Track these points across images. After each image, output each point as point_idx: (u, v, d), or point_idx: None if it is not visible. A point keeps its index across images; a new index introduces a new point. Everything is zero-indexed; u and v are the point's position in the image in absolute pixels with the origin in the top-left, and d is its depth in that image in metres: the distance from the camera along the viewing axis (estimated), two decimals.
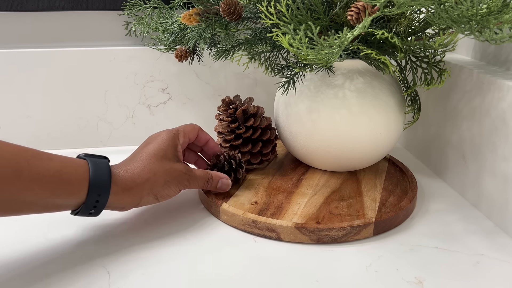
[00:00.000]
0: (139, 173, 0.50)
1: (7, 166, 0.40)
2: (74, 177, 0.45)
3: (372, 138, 0.59)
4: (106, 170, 0.47)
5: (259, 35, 0.62)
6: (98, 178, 0.46)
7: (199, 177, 0.55)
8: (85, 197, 0.46)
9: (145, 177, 0.50)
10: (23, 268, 0.47)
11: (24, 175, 0.41)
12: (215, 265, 0.48)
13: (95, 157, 0.49)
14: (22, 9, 0.74)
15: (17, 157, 0.42)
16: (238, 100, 0.65)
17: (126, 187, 0.48)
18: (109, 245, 0.51)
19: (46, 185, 0.43)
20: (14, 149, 0.42)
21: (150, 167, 0.51)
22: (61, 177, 0.44)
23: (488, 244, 0.52)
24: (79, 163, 0.46)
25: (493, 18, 0.44)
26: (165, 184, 0.52)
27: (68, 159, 0.46)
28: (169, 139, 0.54)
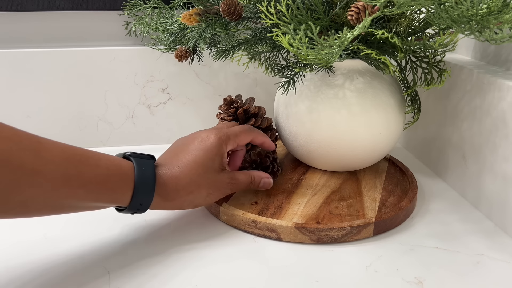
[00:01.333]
0: (183, 186, 0.49)
1: (57, 172, 0.40)
2: (120, 186, 0.45)
3: (372, 138, 0.59)
4: (151, 178, 0.47)
5: (259, 35, 0.62)
6: (143, 189, 0.46)
7: (242, 183, 0.55)
8: (128, 203, 0.46)
9: (189, 190, 0.49)
10: (23, 268, 0.47)
11: (72, 182, 0.41)
12: (215, 265, 0.48)
13: (142, 158, 0.48)
14: (22, 9, 0.74)
15: (67, 162, 0.41)
16: (239, 99, 0.65)
17: (169, 198, 0.49)
18: (109, 245, 0.51)
19: (92, 192, 0.43)
20: (64, 152, 0.42)
21: (195, 179, 0.50)
22: (106, 185, 0.44)
23: (488, 244, 0.52)
24: (125, 170, 0.46)
25: (493, 18, 0.44)
26: (207, 197, 0.52)
27: (114, 164, 0.45)
28: (217, 147, 0.52)
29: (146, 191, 0.46)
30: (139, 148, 0.79)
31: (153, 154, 0.50)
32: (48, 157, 0.40)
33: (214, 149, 0.51)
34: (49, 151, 0.40)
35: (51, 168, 0.40)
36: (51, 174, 0.40)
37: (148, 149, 0.56)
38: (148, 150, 0.55)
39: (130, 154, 0.48)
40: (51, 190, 0.40)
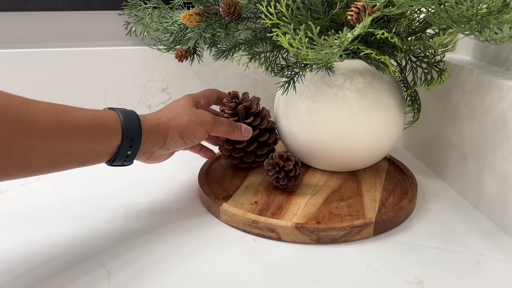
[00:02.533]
0: (163, 114, 0.53)
1: (49, 118, 0.43)
2: (108, 120, 0.48)
3: (372, 138, 0.59)
4: (134, 114, 0.50)
5: (259, 35, 0.62)
6: (129, 120, 0.49)
7: (224, 121, 0.58)
8: (121, 139, 0.48)
9: (169, 116, 0.53)
10: (23, 268, 0.47)
11: (65, 124, 0.44)
12: (215, 265, 0.48)
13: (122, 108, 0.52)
14: (22, 9, 0.74)
15: (55, 108, 0.44)
16: (245, 97, 0.65)
17: (153, 124, 0.51)
18: (109, 245, 0.51)
19: (85, 130, 0.45)
20: (50, 103, 0.44)
21: (174, 110, 0.55)
22: (96, 122, 0.46)
23: (488, 244, 0.52)
24: (108, 112, 0.49)
25: (493, 18, 0.44)
26: (188, 122, 0.54)
27: (97, 110, 0.48)
28: (188, 97, 0.58)
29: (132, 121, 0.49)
30: None
31: None
32: (38, 107, 0.43)
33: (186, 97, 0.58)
34: (37, 103, 0.43)
35: (43, 115, 0.42)
36: (44, 120, 0.42)
37: None
38: None
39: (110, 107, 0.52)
40: (48, 135, 0.43)
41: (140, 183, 0.66)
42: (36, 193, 0.63)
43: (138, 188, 0.64)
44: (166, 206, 0.59)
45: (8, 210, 0.58)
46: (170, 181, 0.66)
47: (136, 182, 0.66)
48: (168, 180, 0.66)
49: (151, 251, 0.50)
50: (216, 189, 0.60)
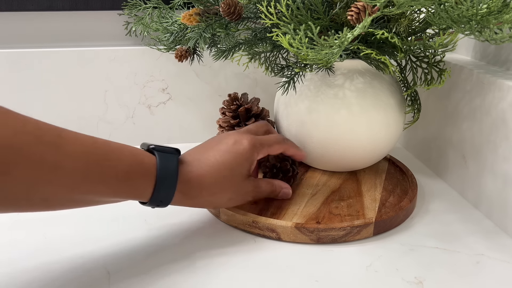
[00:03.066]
0: (207, 186, 0.48)
1: (77, 168, 0.39)
2: (141, 182, 0.44)
3: (372, 138, 0.59)
4: (174, 175, 0.45)
5: (259, 35, 0.62)
6: (164, 184, 0.45)
7: (264, 191, 0.54)
8: (149, 199, 0.45)
9: (212, 191, 0.48)
10: (22, 268, 0.47)
11: (92, 177, 0.40)
12: (215, 265, 0.48)
13: (166, 152, 0.46)
14: (22, 9, 0.74)
15: (88, 157, 0.40)
16: (244, 98, 0.65)
17: (191, 196, 0.48)
18: (109, 245, 0.51)
19: (112, 187, 0.42)
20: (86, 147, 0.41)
21: (220, 182, 0.48)
22: (127, 182, 0.43)
23: (488, 244, 0.52)
24: (147, 165, 0.44)
25: (493, 18, 0.44)
26: (229, 201, 0.51)
27: (137, 159, 0.44)
28: (249, 153, 0.50)
29: (168, 188, 0.45)
30: None
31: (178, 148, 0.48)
32: (69, 152, 0.39)
33: (245, 155, 0.50)
34: (70, 145, 0.39)
35: (71, 163, 0.39)
36: (72, 170, 0.39)
37: None
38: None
39: (154, 147, 0.46)
40: (71, 186, 0.40)
41: None
42: None
43: None
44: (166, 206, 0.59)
45: None
46: None
47: None
48: None
49: (151, 251, 0.50)
50: None
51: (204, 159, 0.49)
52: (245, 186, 0.51)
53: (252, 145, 0.51)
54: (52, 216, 0.57)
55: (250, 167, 0.51)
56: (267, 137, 0.54)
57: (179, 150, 0.48)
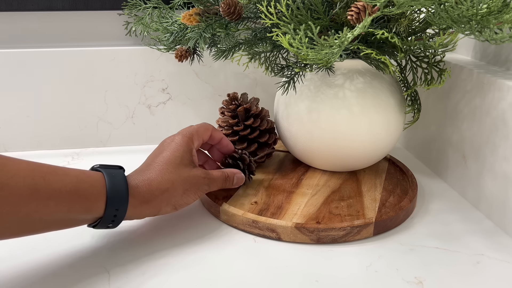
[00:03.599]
0: (157, 185, 0.48)
1: (23, 184, 0.39)
2: (91, 192, 0.44)
3: (372, 138, 0.59)
4: (123, 182, 0.46)
5: (259, 35, 0.62)
6: (116, 192, 0.45)
7: (217, 179, 0.55)
8: (103, 211, 0.45)
9: (163, 188, 0.48)
10: (22, 268, 0.47)
11: (41, 192, 0.40)
12: (215, 265, 0.48)
13: (111, 168, 0.47)
14: (22, 9, 0.74)
15: (33, 173, 0.40)
16: (244, 98, 0.65)
17: (145, 199, 0.47)
18: (109, 245, 0.51)
19: (63, 201, 0.42)
20: (29, 166, 0.41)
21: (168, 177, 0.49)
22: (78, 193, 0.43)
23: (488, 244, 0.52)
24: (95, 177, 0.45)
25: (493, 18, 0.44)
26: (184, 193, 0.51)
27: (83, 173, 0.45)
28: (184, 144, 0.52)
29: (120, 195, 0.45)
30: (139, 148, 0.79)
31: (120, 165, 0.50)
32: (13, 171, 0.39)
33: (180, 147, 0.52)
34: (13, 165, 0.40)
35: (17, 180, 0.39)
36: (18, 187, 0.39)
37: (148, 149, 0.56)
38: (148, 150, 0.55)
39: (98, 166, 0.48)
40: (20, 204, 0.39)
41: None
42: None
43: None
44: None
45: None
46: None
47: None
48: None
49: (151, 251, 0.50)
50: None
51: (146, 165, 0.51)
52: (194, 175, 0.52)
53: (182, 136, 0.54)
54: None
55: (191, 157, 0.53)
56: (192, 126, 0.56)
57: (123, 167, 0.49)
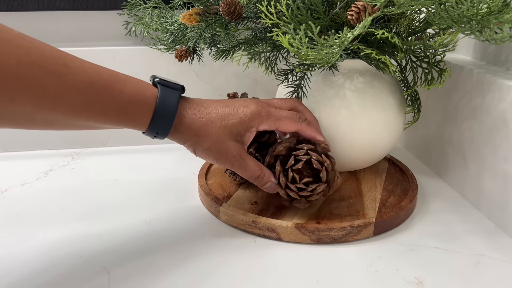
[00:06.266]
0: (196, 127, 0.48)
1: (78, 98, 0.41)
2: (139, 115, 0.45)
3: (372, 138, 0.59)
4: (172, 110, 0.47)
5: (259, 35, 0.62)
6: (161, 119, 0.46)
7: (248, 169, 0.51)
8: (146, 130, 0.47)
9: (197, 133, 0.48)
10: (23, 268, 0.47)
11: (93, 108, 0.42)
12: (215, 265, 0.48)
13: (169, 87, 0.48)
14: (22, 9, 0.74)
15: (90, 87, 0.42)
16: (244, 97, 0.64)
17: (180, 130, 0.48)
18: (109, 245, 0.51)
19: (112, 117, 0.44)
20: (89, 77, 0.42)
21: (208, 129, 0.48)
22: (126, 114, 0.45)
23: (488, 244, 0.52)
24: (148, 99, 0.46)
25: (494, 18, 0.44)
26: (206, 150, 0.49)
27: (139, 92, 0.45)
28: (249, 118, 0.50)
29: (165, 121, 0.47)
30: (139, 148, 0.79)
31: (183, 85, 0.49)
32: (72, 82, 0.40)
33: (244, 117, 0.50)
34: (74, 75, 0.41)
35: (73, 93, 0.40)
36: (73, 100, 0.41)
37: (149, 149, 0.56)
38: (149, 150, 0.55)
39: (159, 81, 0.48)
40: (73, 113, 0.41)
41: (140, 183, 0.66)
42: (36, 193, 0.63)
43: (138, 188, 0.64)
44: (166, 206, 0.59)
45: (8, 210, 0.58)
46: (170, 181, 0.66)
47: (136, 182, 0.66)
48: (168, 180, 0.66)
49: (151, 251, 0.50)
50: (216, 189, 0.60)
51: (207, 105, 0.50)
52: (228, 146, 0.49)
53: (257, 112, 0.50)
54: (52, 216, 0.57)
55: (245, 133, 0.50)
56: (280, 110, 0.52)
57: (184, 88, 0.49)
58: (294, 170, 0.52)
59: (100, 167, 0.71)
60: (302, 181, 0.52)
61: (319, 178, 0.53)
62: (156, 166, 0.70)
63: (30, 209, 0.58)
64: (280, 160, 0.53)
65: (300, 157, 0.52)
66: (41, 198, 0.61)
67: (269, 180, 0.53)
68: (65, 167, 0.71)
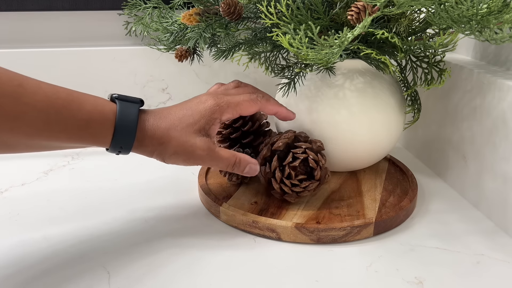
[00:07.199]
0: (159, 135, 0.48)
1: (37, 118, 0.41)
2: (100, 131, 0.45)
3: (372, 138, 0.59)
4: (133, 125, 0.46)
5: (259, 35, 0.62)
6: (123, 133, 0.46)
7: (221, 160, 0.51)
8: (109, 146, 0.47)
9: (161, 141, 0.48)
10: (23, 268, 0.47)
11: (52, 127, 0.42)
12: (215, 265, 0.48)
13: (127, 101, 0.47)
14: (22, 9, 0.74)
15: (48, 107, 0.41)
16: None
17: (144, 143, 0.48)
18: (109, 245, 0.51)
19: (73, 136, 0.44)
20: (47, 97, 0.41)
21: (170, 133, 0.48)
22: (87, 130, 0.44)
23: (488, 244, 0.52)
24: (107, 114, 0.45)
25: (494, 18, 0.44)
26: (173, 154, 0.49)
27: (97, 108, 0.45)
28: (209, 113, 0.49)
29: (127, 135, 0.46)
30: None
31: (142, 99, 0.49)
32: (29, 103, 0.40)
33: (204, 112, 0.49)
34: (30, 96, 0.40)
35: (31, 114, 0.40)
36: (32, 120, 0.40)
37: None
38: None
39: (116, 96, 0.47)
40: (33, 134, 0.41)
41: (140, 183, 0.66)
42: (36, 193, 0.63)
43: (138, 188, 0.64)
44: (166, 206, 0.59)
45: (8, 210, 0.58)
46: (170, 181, 0.66)
47: (136, 182, 0.66)
48: (168, 180, 0.66)
49: (151, 251, 0.50)
50: (216, 189, 0.60)
51: (166, 112, 0.50)
52: (194, 144, 0.49)
53: (216, 103, 0.50)
54: (52, 216, 0.57)
55: (209, 126, 0.49)
56: (236, 96, 0.52)
57: (143, 101, 0.49)
58: (291, 167, 0.54)
59: (100, 167, 0.71)
60: (297, 177, 0.54)
61: (313, 176, 0.55)
62: (156, 166, 0.69)
63: (30, 209, 0.58)
64: (278, 155, 0.55)
65: (298, 155, 0.54)
66: (41, 198, 0.61)
67: (246, 163, 0.53)
68: (65, 167, 0.71)
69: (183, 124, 0.49)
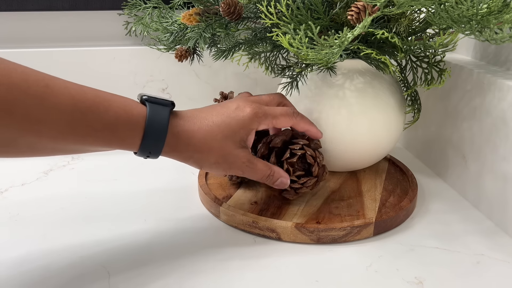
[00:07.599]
0: (195, 143, 0.46)
1: (62, 120, 0.39)
2: (128, 135, 0.43)
3: (372, 138, 0.59)
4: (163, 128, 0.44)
5: (259, 35, 0.62)
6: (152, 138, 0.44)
7: (258, 171, 0.51)
8: (137, 149, 0.45)
9: (198, 149, 0.47)
10: (23, 268, 0.47)
11: (78, 130, 0.40)
12: (215, 265, 0.48)
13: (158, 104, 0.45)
14: (22, 9, 0.74)
15: (74, 109, 0.40)
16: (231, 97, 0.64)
17: (177, 149, 0.46)
18: (109, 245, 0.51)
19: (100, 139, 0.42)
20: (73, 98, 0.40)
21: (209, 142, 0.47)
22: (115, 134, 0.42)
23: (488, 244, 0.52)
24: (136, 117, 0.43)
25: (494, 18, 0.44)
26: (214, 164, 0.48)
27: (126, 110, 0.43)
28: (248, 121, 0.48)
29: (156, 140, 0.44)
30: None
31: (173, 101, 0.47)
32: (55, 105, 0.39)
33: (243, 122, 0.48)
34: (56, 97, 0.39)
35: (57, 116, 0.39)
36: (57, 122, 0.39)
37: None
38: None
39: (147, 98, 0.46)
40: (58, 137, 0.40)
41: (140, 183, 0.66)
42: (36, 193, 0.63)
43: (138, 188, 0.64)
44: (166, 206, 0.59)
45: (8, 210, 0.58)
46: (170, 181, 0.66)
47: (136, 182, 0.66)
48: (168, 180, 0.66)
49: (151, 251, 0.50)
50: (216, 189, 0.60)
51: (200, 117, 0.48)
52: (235, 155, 0.48)
53: (254, 114, 0.49)
54: (52, 216, 0.57)
55: (247, 137, 0.49)
56: (274, 108, 0.51)
57: (174, 103, 0.47)
58: (289, 163, 0.54)
59: (100, 167, 0.71)
60: (295, 173, 0.54)
61: (310, 172, 0.55)
62: (156, 166, 0.70)
63: (30, 209, 0.58)
64: (275, 152, 0.55)
65: (296, 151, 0.54)
66: (41, 198, 0.61)
67: (279, 176, 0.53)
68: (65, 167, 0.71)
69: (223, 134, 0.47)
